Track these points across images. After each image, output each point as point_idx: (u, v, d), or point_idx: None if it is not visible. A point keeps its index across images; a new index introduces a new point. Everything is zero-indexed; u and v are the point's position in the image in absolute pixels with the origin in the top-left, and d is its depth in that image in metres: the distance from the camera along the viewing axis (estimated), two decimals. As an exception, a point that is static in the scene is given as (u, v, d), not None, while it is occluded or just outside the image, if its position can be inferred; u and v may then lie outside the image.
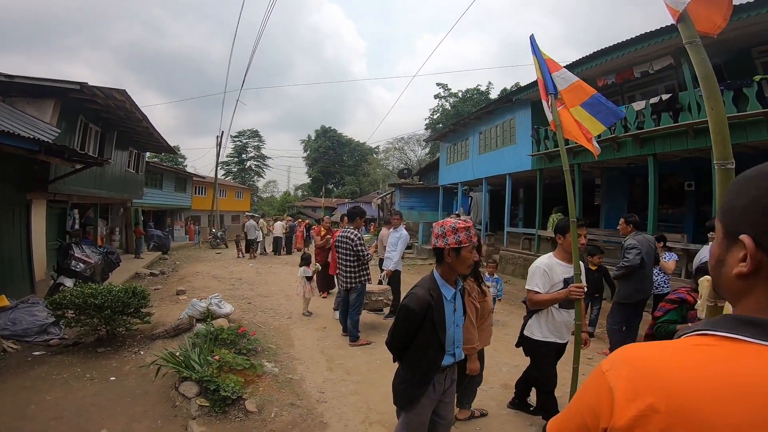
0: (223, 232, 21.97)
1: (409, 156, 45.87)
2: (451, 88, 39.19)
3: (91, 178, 10.05)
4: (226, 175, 50.04)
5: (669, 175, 10.06)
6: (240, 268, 12.61)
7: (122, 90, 8.52)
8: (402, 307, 2.12)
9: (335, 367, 4.62)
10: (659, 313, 2.94)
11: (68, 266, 7.13)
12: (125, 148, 13.03)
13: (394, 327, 2.17)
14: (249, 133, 55.25)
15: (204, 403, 3.47)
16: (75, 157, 6.73)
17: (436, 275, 2.20)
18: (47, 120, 7.79)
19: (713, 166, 1.61)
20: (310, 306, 6.98)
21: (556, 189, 13.41)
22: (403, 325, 2.12)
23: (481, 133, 14.65)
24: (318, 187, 52.14)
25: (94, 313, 4.84)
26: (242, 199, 35.37)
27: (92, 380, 4.11)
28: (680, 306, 2.86)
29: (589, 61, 8.90)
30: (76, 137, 9.26)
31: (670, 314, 2.86)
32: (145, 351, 4.91)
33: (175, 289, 8.60)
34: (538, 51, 3.06)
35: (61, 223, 9.39)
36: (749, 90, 5.97)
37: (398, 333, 2.15)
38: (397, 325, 2.15)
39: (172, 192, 21.65)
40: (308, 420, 3.42)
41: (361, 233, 5.62)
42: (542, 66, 3.03)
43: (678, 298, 2.91)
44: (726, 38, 6.93)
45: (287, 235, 17.56)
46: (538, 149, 10.92)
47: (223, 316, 5.61)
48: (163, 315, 6.35)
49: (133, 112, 9.83)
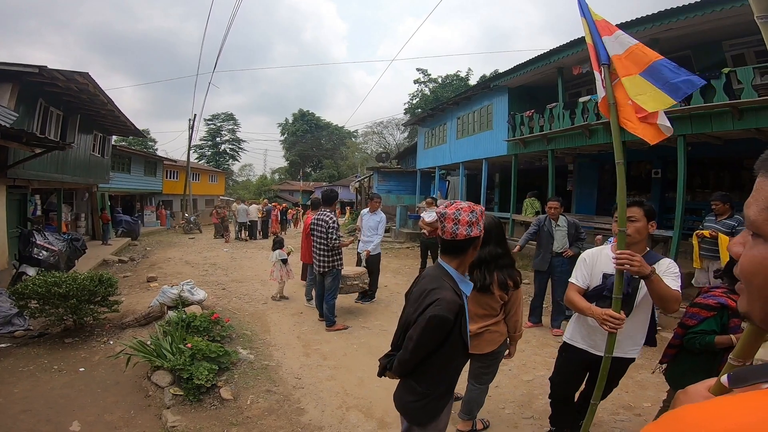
0: (196, 217, 21.46)
1: (388, 140, 45.64)
2: (431, 74, 38.98)
3: (53, 162, 9.61)
4: (200, 159, 48.63)
5: (637, 163, 10.39)
6: (214, 254, 12.37)
7: (85, 73, 8.11)
8: (432, 318, 1.68)
9: (312, 352, 4.63)
10: (692, 321, 2.41)
11: (30, 254, 6.81)
12: (89, 132, 12.44)
13: (417, 342, 1.74)
14: (223, 116, 53.60)
15: (178, 392, 3.43)
16: (34, 141, 6.41)
17: (451, 270, 1.81)
18: (5, 104, 7.35)
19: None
20: (286, 291, 6.93)
21: (531, 174, 13.72)
22: (432, 337, 1.72)
23: (459, 118, 14.70)
24: (296, 170, 51.44)
25: (58, 302, 4.67)
26: (216, 183, 34.53)
27: (60, 372, 3.99)
28: (720, 312, 2.36)
29: (567, 49, 9.01)
30: (35, 121, 8.80)
31: (706, 323, 2.36)
32: (114, 340, 4.79)
33: (146, 276, 8.37)
34: (587, 11, 2.52)
35: (21, 210, 8.94)
36: (717, 82, 6.16)
37: (422, 347, 1.75)
38: (422, 339, 1.73)
39: (142, 176, 20.91)
40: (285, 406, 3.43)
41: (336, 217, 5.56)
42: (592, 30, 2.48)
43: (717, 303, 2.37)
44: (698, 30, 7.14)
45: (263, 219, 17.32)
46: (513, 135, 11.05)
47: (196, 302, 5.51)
48: (132, 303, 6.19)
49: (96, 95, 9.38)
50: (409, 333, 1.78)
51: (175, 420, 3.11)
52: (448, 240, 1.77)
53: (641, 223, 2.26)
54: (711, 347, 2.29)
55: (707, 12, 6.45)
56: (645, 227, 2.26)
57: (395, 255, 12.34)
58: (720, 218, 4.96)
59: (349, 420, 3.25)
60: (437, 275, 1.82)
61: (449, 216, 1.75)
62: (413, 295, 1.90)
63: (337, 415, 3.33)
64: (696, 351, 2.35)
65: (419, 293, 1.82)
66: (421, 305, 1.76)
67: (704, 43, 7.86)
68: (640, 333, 2.45)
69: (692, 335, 2.37)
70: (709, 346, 2.29)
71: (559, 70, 9.78)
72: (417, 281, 1.99)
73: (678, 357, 2.44)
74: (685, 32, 7.26)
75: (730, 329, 2.31)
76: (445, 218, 1.76)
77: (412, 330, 1.77)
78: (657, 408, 2.87)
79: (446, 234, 1.77)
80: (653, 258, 2.31)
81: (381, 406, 3.39)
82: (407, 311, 1.91)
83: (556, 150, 9.93)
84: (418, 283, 1.95)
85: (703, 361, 2.35)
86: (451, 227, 1.75)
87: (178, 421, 3.10)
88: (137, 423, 3.17)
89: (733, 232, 4.75)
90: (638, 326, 2.42)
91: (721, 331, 2.32)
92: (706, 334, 2.33)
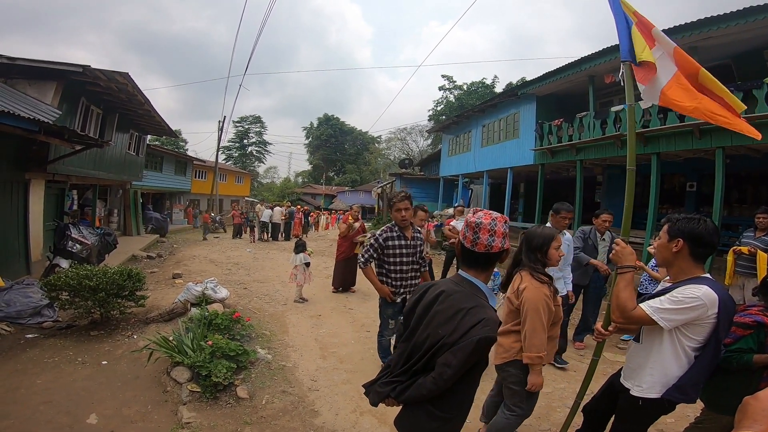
0: (221, 217, 22.00)
1: (411, 146, 45.74)
2: (456, 81, 38.98)
3: (90, 159, 10.02)
4: (227, 160, 49.93)
5: (671, 175, 10.01)
6: (237, 253, 12.61)
7: (125, 73, 8.46)
8: (482, 341, 1.48)
9: (328, 355, 4.62)
10: (728, 340, 2.30)
11: (65, 247, 7.11)
12: (126, 131, 12.96)
13: (459, 368, 1.51)
14: (251, 119, 55.07)
15: (195, 388, 3.47)
16: (75, 138, 6.71)
17: (482, 286, 1.64)
18: (48, 101, 7.77)
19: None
20: (305, 293, 6.98)
21: (558, 184, 13.42)
22: (473, 359, 1.52)
23: (485, 126, 14.56)
24: (318, 174, 52.11)
25: (88, 295, 4.82)
26: (242, 184, 35.32)
27: (84, 364, 4.10)
28: (757, 330, 2.31)
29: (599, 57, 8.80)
30: (77, 119, 9.24)
31: (743, 341, 2.30)
32: (138, 335, 4.91)
33: (172, 273, 8.59)
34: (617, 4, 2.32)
35: (59, 204, 9.35)
36: (758, 92, 5.90)
37: (460, 372, 1.53)
38: (465, 364, 1.52)
39: (172, 175, 21.60)
40: (299, 408, 3.42)
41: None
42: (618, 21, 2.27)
43: (754, 322, 2.33)
44: (739, 39, 6.88)
45: (286, 221, 17.58)
46: (541, 144, 10.85)
47: (219, 300, 5.60)
48: (158, 298, 6.35)
49: (135, 95, 9.77)
50: (446, 359, 1.52)
51: (191, 416, 3.15)
52: (481, 253, 1.60)
53: (661, 240, 2.02)
54: (749, 366, 2.20)
55: (749, 21, 6.21)
56: (665, 246, 1.99)
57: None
58: (759, 234, 4.73)
59: (362, 425, 3.22)
60: (470, 291, 1.61)
61: (485, 227, 1.58)
62: (439, 314, 1.63)
63: (350, 419, 3.30)
64: (733, 370, 2.25)
65: (452, 312, 1.57)
66: (460, 326, 1.51)
67: (745, 52, 7.55)
68: (657, 371, 1.99)
69: (729, 354, 2.25)
70: (747, 365, 2.20)
71: (590, 78, 9.57)
72: (423, 296, 1.75)
73: (714, 376, 2.32)
74: (725, 41, 7.00)
75: None
76: (480, 228, 1.59)
77: (451, 356, 1.50)
78: (682, 425, 2.73)
79: (479, 246, 1.59)
80: (688, 282, 1.92)
81: (395, 413, 3.33)
82: (428, 332, 1.64)
83: (585, 160, 9.68)
84: (442, 300, 1.65)
85: (740, 379, 2.24)
86: (486, 239, 1.58)
87: (193, 418, 3.13)
88: (153, 418, 3.22)
89: None
90: (653, 360, 2.01)
91: (758, 349, 2.24)
92: (743, 353, 2.23)
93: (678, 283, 1.94)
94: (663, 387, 1.97)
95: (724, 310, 1.85)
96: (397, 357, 1.79)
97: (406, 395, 1.64)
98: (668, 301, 1.87)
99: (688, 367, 1.93)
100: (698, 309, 1.82)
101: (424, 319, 1.69)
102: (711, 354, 1.93)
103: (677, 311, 1.85)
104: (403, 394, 1.66)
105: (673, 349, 1.94)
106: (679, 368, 1.94)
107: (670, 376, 1.95)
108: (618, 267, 2.03)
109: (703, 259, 1.97)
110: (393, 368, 1.78)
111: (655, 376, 1.98)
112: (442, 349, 1.55)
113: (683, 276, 1.96)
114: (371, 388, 1.83)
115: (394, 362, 1.80)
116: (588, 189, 11.42)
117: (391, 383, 1.73)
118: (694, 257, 1.94)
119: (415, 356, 1.67)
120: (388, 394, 1.72)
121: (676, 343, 1.92)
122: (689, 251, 1.93)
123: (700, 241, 1.92)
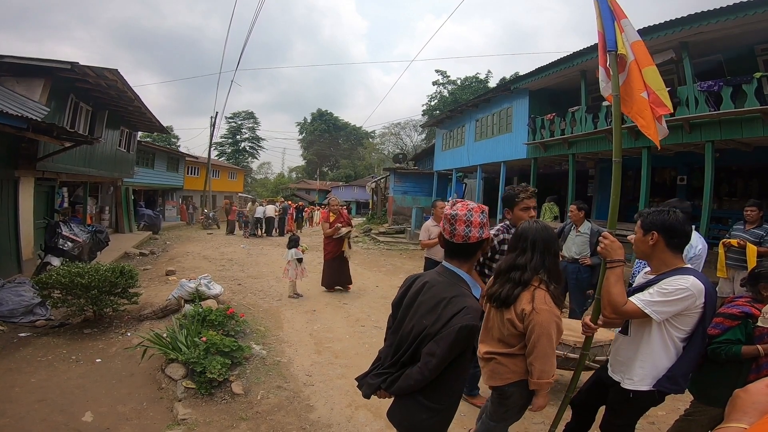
0: (215, 213, 21.89)
1: (405, 141, 45.68)
2: (450, 76, 38.94)
3: (81, 156, 9.93)
4: (220, 156, 49.60)
5: (662, 169, 10.11)
6: (231, 249, 12.57)
7: (114, 69, 8.36)
8: (463, 329, 1.50)
9: (323, 350, 4.65)
10: (715, 331, 2.32)
11: (56, 245, 7.04)
12: (116, 127, 12.83)
13: (443, 357, 1.54)
14: (244, 115, 54.66)
15: (190, 385, 3.48)
16: (64, 135, 6.63)
17: (464, 275, 1.68)
18: (36, 99, 7.67)
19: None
20: (299, 288, 6.99)
21: (551, 178, 13.50)
22: (457, 348, 1.54)
23: (478, 121, 14.57)
24: (312, 169, 51.99)
25: (80, 293, 4.79)
26: (235, 180, 35.09)
27: (78, 362, 4.09)
28: (744, 322, 2.33)
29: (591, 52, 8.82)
30: (66, 116, 9.12)
31: (731, 332, 2.31)
32: (132, 332, 4.89)
33: (165, 270, 8.56)
34: None
35: (49, 201, 9.25)
36: (748, 87, 5.95)
37: (446, 362, 1.56)
38: (449, 353, 1.54)
39: (164, 171, 21.41)
40: (294, 403, 3.44)
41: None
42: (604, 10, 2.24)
43: (741, 312, 2.34)
44: (729, 34, 6.92)
45: (280, 217, 17.55)
46: (533, 138, 10.90)
47: (212, 297, 5.59)
48: (151, 295, 6.32)
49: (124, 92, 9.67)
50: (430, 349, 1.55)
51: (186, 413, 3.16)
52: (459, 243, 1.65)
53: (637, 235, 2.06)
54: (737, 357, 2.23)
55: (739, 16, 6.24)
56: (641, 240, 2.02)
57: (409, 256, 12.33)
58: (749, 227, 4.80)
59: (357, 419, 3.24)
60: (451, 281, 1.65)
61: (460, 218, 1.63)
62: (422, 304, 1.66)
63: (345, 413, 3.32)
64: (721, 361, 2.27)
65: (435, 302, 1.61)
66: (442, 316, 1.55)
67: (736, 48, 7.59)
68: (648, 363, 1.99)
69: (716, 345, 2.29)
70: (735, 356, 2.23)
71: (583, 73, 9.60)
72: (410, 288, 1.78)
73: (702, 368, 2.35)
74: (716, 36, 7.04)
75: (756, 338, 2.24)
76: (456, 220, 1.64)
77: (434, 345, 1.54)
78: (673, 417, 2.77)
79: (457, 237, 1.64)
80: (673, 274, 1.93)
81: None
82: (413, 322, 1.66)
83: (577, 154, 9.74)
84: (426, 291, 1.68)
85: (729, 371, 2.28)
86: (462, 230, 1.62)
87: (188, 414, 3.15)
88: (148, 415, 3.22)
89: (761, 242, 4.59)
90: (642, 353, 2.01)
91: (746, 340, 2.27)
92: (731, 344, 2.27)
93: (661, 274, 1.97)
94: (653, 379, 1.99)
95: (709, 300, 1.89)
96: (386, 349, 1.82)
97: (396, 386, 1.67)
98: (658, 293, 1.89)
99: (677, 358, 1.97)
100: (688, 299, 1.86)
101: (410, 310, 1.72)
102: (698, 343, 1.97)
103: (668, 303, 1.87)
104: (392, 386, 1.68)
105: (662, 340, 1.96)
106: (669, 359, 1.96)
107: (660, 367, 1.97)
108: (607, 261, 2.03)
109: (680, 249, 2.01)
110: (383, 360, 1.81)
111: (646, 369, 2.00)
112: (426, 339, 1.58)
113: (665, 268, 1.99)
114: (363, 380, 1.87)
115: (384, 354, 1.83)
116: (581, 182, 11.51)
117: (381, 375, 1.76)
118: (671, 248, 1.98)
119: (402, 347, 1.70)
120: (378, 386, 1.75)
121: (664, 334, 1.95)
122: (665, 243, 1.97)
123: (674, 232, 1.95)
